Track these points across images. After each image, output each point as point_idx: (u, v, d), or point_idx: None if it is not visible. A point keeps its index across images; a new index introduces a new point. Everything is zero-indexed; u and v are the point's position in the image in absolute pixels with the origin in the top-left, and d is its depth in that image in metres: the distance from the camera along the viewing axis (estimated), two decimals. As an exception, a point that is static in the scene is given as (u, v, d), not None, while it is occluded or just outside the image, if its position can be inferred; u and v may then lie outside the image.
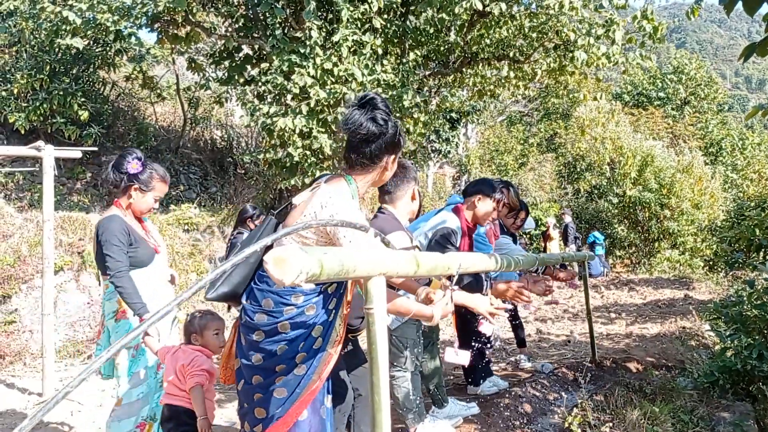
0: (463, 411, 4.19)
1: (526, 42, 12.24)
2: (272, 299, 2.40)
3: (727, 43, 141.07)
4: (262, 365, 2.44)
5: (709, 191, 17.77)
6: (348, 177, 2.49)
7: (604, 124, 19.22)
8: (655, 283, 13.05)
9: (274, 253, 1.34)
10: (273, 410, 2.45)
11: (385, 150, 2.47)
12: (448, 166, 25.66)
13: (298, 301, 2.39)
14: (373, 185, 2.61)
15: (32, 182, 10.97)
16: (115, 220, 3.50)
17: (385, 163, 2.51)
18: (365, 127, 2.40)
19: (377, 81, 9.63)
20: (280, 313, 2.39)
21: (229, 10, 11.00)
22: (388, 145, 2.46)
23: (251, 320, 2.43)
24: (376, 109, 2.42)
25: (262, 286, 2.43)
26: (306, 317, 2.40)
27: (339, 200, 2.36)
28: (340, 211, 2.32)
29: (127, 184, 3.60)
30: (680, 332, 7.16)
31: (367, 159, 2.46)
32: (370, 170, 2.50)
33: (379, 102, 2.44)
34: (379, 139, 2.43)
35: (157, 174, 3.69)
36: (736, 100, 65.70)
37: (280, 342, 2.41)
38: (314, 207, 2.38)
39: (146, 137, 13.48)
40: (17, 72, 10.88)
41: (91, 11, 10.06)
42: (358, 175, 2.51)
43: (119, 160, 3.60)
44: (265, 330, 2.41)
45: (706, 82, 31.77)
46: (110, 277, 3.41)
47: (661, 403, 4.36)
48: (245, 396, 2.52)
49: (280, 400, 2.45)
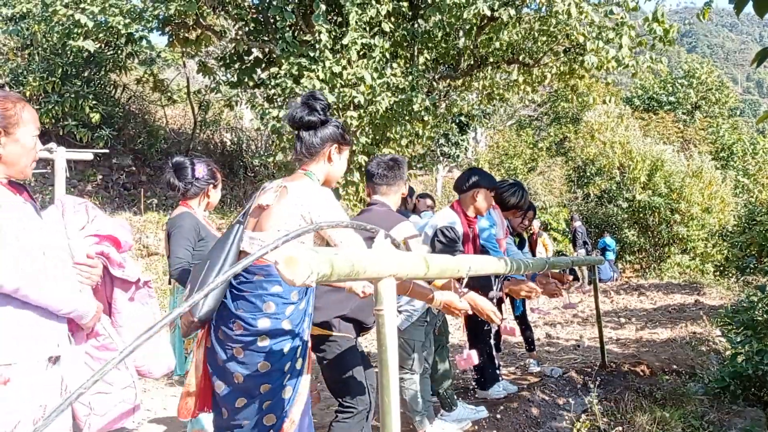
0: (472, 415, 4.17)
1: (536, 46, 12.22)
2: (275, 302, 2.41)
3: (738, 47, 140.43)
4: (271, 369, 2.41)
5: (719, 196, 17.68)
6: (308, 173, 2.61)
7: (613, 128, 19.15)
8: (666, 288, 12.98)
9: (285, 253, 1.34)
10: (280, 412, 2.45)
11: (326, 139, 2.62)
12: (457, 170, 25.64)
13: (296, 297, 2.46)
14: (326, 182, 2.69)
15: (44, 184, 11.06)
16: (186, 218, 3.62)
17: (328, 152, 2.64)
18: (303, 118, 2.58)
19: (386, 84, 9.64)
20: (282, 313, 2.42)
21: (239, 13, 11.05)
22: (328, 135, 2.62)
23: (253, 327, 2.40)
24: (316, 101, 2.61)
25: (259, 291, 2.41)
26: (301, 311, 2.50)
27: (318, 197, 2.48)
28: (324, 208, 2.44)
29: (206, 185, 3.75)
30: (691, 337, 7.11)
31: (308, 148, 2.61)
32: (315, 159, 2.63)
33: (318, 96, 2.63)
34: (317, 128, 2.61)
35: (215, 166, 3.88)
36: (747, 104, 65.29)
37: (284, 341, 2.43)
38: (296, 207, 2.45)
39: (157, 140, 13.56)
40: (29, 75, 10.98)
41: (103, 14, 10.13)
42: (307, 167, 2.64)
43: (181, 170, 3.69)
44: (269, 333, 2.40)
45: (717, 86, 31.57)
46: (171, 270, 3.52)
47: (671, 408, 4.33)
48: (250, 413, 2.45)
49: (286, 400, 2.46)
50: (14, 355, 1.92)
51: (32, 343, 1.97)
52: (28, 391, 1.96)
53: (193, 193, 3.73)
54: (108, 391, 2.31)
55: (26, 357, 1.95)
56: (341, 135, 2.67)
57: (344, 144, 2.70)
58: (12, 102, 2.05)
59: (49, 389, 2.04)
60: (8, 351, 1.91)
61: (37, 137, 2.13)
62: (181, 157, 3.84)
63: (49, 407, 2.00)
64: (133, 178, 13.56)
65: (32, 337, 1.97)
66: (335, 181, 2.75)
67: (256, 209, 2.57)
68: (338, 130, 2.66)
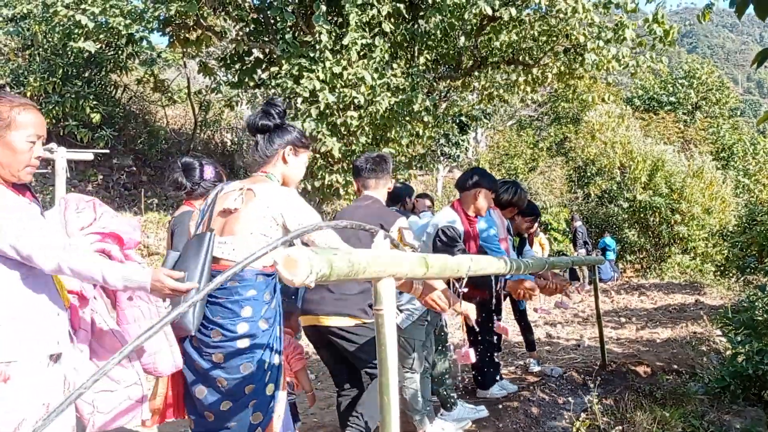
0: (472, 414, 4.18)
1: (536, 46, 12.23)
2: (252, 306, 2.45)
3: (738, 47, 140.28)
4: (253, 371, 2.45)
5: (720, 196, 17.66)
6: (269, 175, 2.66)
7: (614, 128, 19.13)
8: (666, 288, 12.97)
9: (285, 254, 1.34)
10: (266, 409, 2.52)
11: (280, 141, 2.67)
12: (457, 170, 25.63)
13: (269, 297, 2.52)
14: (284, 184, 2.71)
15: (44, 184, 11.06)
16: (189, 216, 3.65)
17: (282, 154, 2.68)
18: (257, 123, 2.67)
19: (386, 85, 9.64)
20: (258, 314, 2.46)
21: (239, 14, 11.06)
22: (282, 137, 2.68)
23: (233, 332, 2.42)
24: (273, 107, 2.68)
25: (235, 297, 2.43)
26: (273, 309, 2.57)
27: (286, 199, 2.52)
28: (294, 208, 2.50)
29: (212, 186, 3.76)
30: (691, 337, 7.11)
31: (263, 151, 2.67)
32: (271, 161, 2.68)
33: (276, 103, 2.71)
34: (272, 131, 2.68)
35: (221, 169, 3.93)
36: (747, 104, 65.17)
37: (263, 340, 2.48)
38: (266, 210, 2.47)
39: (157, 140, 13.58)
40: (30, 75, 11.00)
41: (104, 15, 10.15)
42: (266, 170, 2.68)
43: (190, 171, 3.72)
44: (248, 335, 2.44)
45: (718, 86, 31.55)
46: None
47: (671, 408, 4.33)
48: (237, 414, 2.48)
49: (271, 396, 2.53)
50: (15, 352, 1.93)
51: (33, 341, 1.97)
52: (30, 389, 1.96)
53: (198, 194, 3.75)
54: (113, 389, 2.31)
55: (27, 355, 1.95)
56: (297, 138, 2.71)
57: (301, 147, 2.73)
58: (5, 104, 2.02)
59: (51, 387, 2.04)
60: (8, 349, 1.92)
61: (36, 142, 2.08)
62: (189, 157, 3.87)
63: (51, 405, 2.00)
64: (133, 179, 13.57)
65: (32, 335, 1.97)
66: (294, 183, 2.77)
67: (221, 213, 2.56)
68: (294, 133, 2.71)
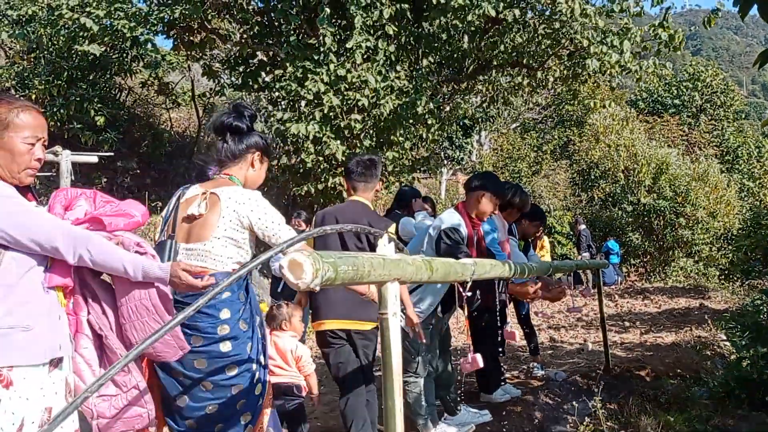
0: (476, 418, 4.17)
1: (540, 49, 12.21)
2: (229, 308, 2.46)
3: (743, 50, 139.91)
4: (240, 371, 2.47)
5: (724, 199, 17.59)
6: (232, 177, 2.64)
7: (618, 131, 19.08)
8: (670, 292, 12.94)
9: (290, 257, 1.34)
10: (254, 408, 2.54)
11: (251, 145, 2.67)
12: (461, 173, 25.62)
13: (244, 297, 2.56)
14: (245, 187, 2.68)
15: (49, 187, 11.09)
16: None
17: (251, 159, 2.68)
18: (232, 123, 2.63)
19: (390, 87, 9.65)
20: (237, 314, 2.48)
21: (244, 16, 11.08)
22: (253, 142, 2.67)
23: (214, 335, 2.43)
24: (244, 108, 2.68)
25: (212, 300, 2.37)
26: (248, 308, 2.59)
27: (252, 201, 2.52)
28: (261, 210, 2.50)
29: None
30: (695, 341, 7.08)
31: (233, 152, 2.65)
32: (238, 164, 2.66)
33: (246, 105, 2.72)
34: (244, 134, 2.66)
35: None
36: (752, 107, 64.95)
37: (245, 340, 2.50)
38: (233, 214, 2.47)
39: (161, 143, 13.61)
40: (35, 78, 11.04)
41: (109, 18, 10.18)
42: (230, 172, 2.66)
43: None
44: (230, 337, 2.46)
45: (723, 89, 31.45)
46: None
47: (675, 412, 4.31)
48: (225, 415, 2.48)
49: (258, 395, 2.55)
50: (16, 357, 1.92)
51: (34, 346, 1.96)
52: (31, 394, 1.95)
53: None
54: (115, 394, 2.29)
55: (27, 360, 1.94)
56: (265, 145, 2.72)
57: (266, 155, 2.74)
58: (4, 106, 2.00)
59: (53, 392, 2.03)
60: (9, 353, 1.91)
61: (35, 144, 2.04)
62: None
63: (54, 410, 2.00)
64: (137, 181, 13.59)
65: (33, 340, 1.95)
66: (254, 188, 2.76)
67: (185, 219, 2.53)
68: (263, 140, 2.72)
